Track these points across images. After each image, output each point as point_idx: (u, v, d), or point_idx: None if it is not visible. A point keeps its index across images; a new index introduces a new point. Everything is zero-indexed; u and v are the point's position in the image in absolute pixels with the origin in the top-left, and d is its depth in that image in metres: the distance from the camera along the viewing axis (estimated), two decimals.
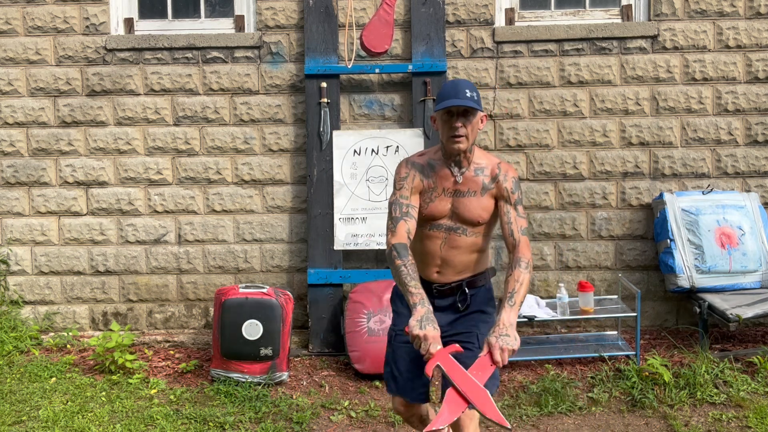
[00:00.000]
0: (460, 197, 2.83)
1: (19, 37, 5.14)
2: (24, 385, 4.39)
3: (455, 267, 2.87)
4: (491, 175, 2.84)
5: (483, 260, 2.92)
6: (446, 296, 2.88)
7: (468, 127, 2.74)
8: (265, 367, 4.39)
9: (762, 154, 5.00)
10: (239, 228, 5.14)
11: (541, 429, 3.84)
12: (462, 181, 2.83)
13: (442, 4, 4.94)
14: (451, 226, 2.84)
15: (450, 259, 2.86)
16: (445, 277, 2.88)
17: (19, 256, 5.21)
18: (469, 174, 2.83)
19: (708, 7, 4.93)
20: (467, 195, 2.83)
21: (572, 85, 5.00)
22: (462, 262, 2.86)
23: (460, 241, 2.84)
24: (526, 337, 4.90)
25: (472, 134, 2.76)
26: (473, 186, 2.83)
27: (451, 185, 2.84)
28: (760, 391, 4.09)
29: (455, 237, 2.84)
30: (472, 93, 2.74)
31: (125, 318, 5.21)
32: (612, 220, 5.04)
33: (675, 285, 4.69)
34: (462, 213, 2.82)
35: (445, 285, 2.89)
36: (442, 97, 2.74)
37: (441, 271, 2.89)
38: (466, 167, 2.84)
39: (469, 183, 2.83)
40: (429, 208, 2.84)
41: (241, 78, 5.08)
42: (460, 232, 2.84)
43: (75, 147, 5.16)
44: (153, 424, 3.91)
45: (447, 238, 2.85)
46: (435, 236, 2.86)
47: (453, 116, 2.73)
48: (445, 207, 2.84)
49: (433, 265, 2.89)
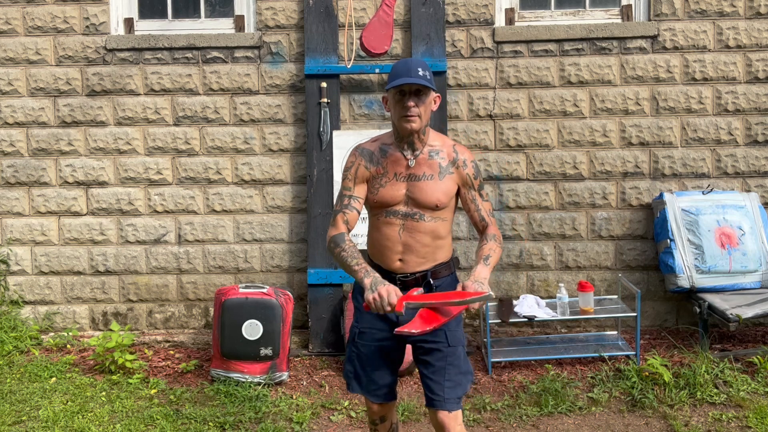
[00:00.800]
0: (416, 181, 2.74)
1: (19, 37, 5.14)
2: (24, 385, 4.39)
3: (417, 253, 2.76)
4: (448, 158, 2.76)
5: (445, 248, 2.83)
6: (410, 287, 2.72)
7: (421, 107, 2.67)
8: (265, 367, 4.39)
9: (762, 154, 5.00)
10: (239, 228, 5.14)
11: (541, 429, 3.84)
12: (415, 164, 2.74)
13: (442, 4, 4.94)
14: (407, 212, 2.75)
15: (410, 245, 2.76)
16: (408, 266, 2.77)
17: (19, 256, 5.22)
18: (423, 157, 2.75)
19: (708, 7, 4.93)
20: (423, 179, 2.73)
21: (572, 85, 5.00)
22: (425, 247, 2.76)
23: (419, 227, 2.75)
24: (526, 337, 4.90)
25: (425, 114, 2.69)
26: (429, 169, 2.74)
27: (404, 169, 2.75)
28: (760, 391, 4.09)
29: (413, 223, 2.75)
30: (425, 72, 2.66)
31: (125, 318, 5.21)
32: (612, 220, 5.04)
33: (675, 285, 4.69)
34: (418, 197, 2.73)
35: (408, 275, 2.78)
36: (393, 76, 2.66)
37: (403, 258, 2.77)
38: (420, 149, 2.75)
39: (423, 166, 2.74)
40: (379, 194, 2.76)
41: (241, 78, 5.08)
42: (417, 217, 2.74)
43: (75, 147, 5.16)
44: (153, 424, 3.91)
45: (404, 225, 2.76)
46: (392, 223, 2.77)
47: (405, 95, 2.66)
48: (399, 192, 2.75)
49: (394, 252, 2.78)
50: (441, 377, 2.73)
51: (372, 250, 2.86)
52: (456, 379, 2.74)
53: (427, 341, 2.74)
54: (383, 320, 2.80)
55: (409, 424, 3.90)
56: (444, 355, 2.71)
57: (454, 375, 2.74)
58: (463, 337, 2.83)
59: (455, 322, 2.79)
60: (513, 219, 5.05)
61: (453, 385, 2.73)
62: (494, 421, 3.91)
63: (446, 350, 2.73)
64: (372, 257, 2.87)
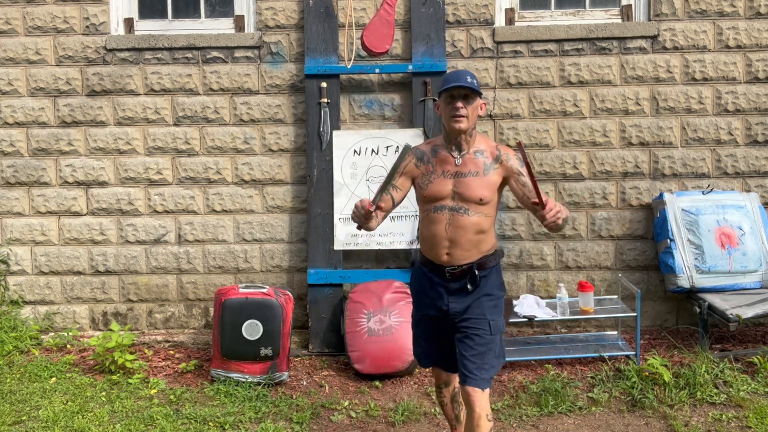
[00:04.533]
0: (462, 178, 2.99)
1: (19, 37, 5.14)
2: (24, 385, 4.39)
3: (462, 246, 2.99)
4: (491, 156, 3.01)
5: (489, 241, 3.05)
6: (458, 279, 3.02)
7: (468, 109, 2.93)
8: (265, 367, 4.39)
9: (762, 154, 5.00)
10: (239, 228, 5.14)
11: (541, 429, 3.84)
12: (462, 162, 3.00)
13: (442, 4, 4.94)
14: (453, 206, 2.99)
15: (456, 239, 2.99)
16: (455, 258, 3.00)
17: (19, 256, 5.21)
18: (470, 156, 3.00)
19: (708, 7, 4.93)
20: (468, 175, 2.99)
21: (572, 85, 5.00)
22: (469, 241, 2.99)
23: (464, 221, 2.98)
24: (526, 337, 4.90)
25: (472, 116, 2.95)
26: (474, 167, 2.99)
27: (451, 167, 3.01)
28: (760, 391, 4.09)
29: (458, 217, 2.98)
30: (473, 80, 2.95)
31: (125, 318, 5.21)
32: (612, 220, 5.04)
33: (675, 285, 4.69)
34: (463, 192, 2.98)
35: (455, 267, 3.03)
36: (445, 82, 2.95)
37: (450, 252, 3.01)
38: (467, 150, 3.01)
39: (469, 164, 3.00)
40: (428, 189, 3.02)
41: (241, 78, 5.08)
42: (462, 212, 2.98)
43: (75, 147, 5.16)
44: (153, 424, 3.91)
45: (451, 219, 2.99)
46: (440, 218, 3.01)
47: (455, 99, 2.93)
48: (446, 188, 3.00)
49: (441, 246, 3.02)
50: (480, 360, 2.99)
51: (423, 245, 3.11)
52: (491, 362, 3.01)
53: (472, 327, 3.01)
54: (437, 309, 3.08)
55: (409, 425, 3.90)
56: (486, 341, 2.99)
57: (491, 359, 3.01)
58: (503, 326, 3.09)
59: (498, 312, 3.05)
60: (513, 219, 5.05)
61: (489, 367, 3.00)
62: (494, 421, 3.91)
63: (488, 338, 3.00)
64: (423, 252, 3.12)
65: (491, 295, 3.06)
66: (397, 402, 4.14)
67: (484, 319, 3.02)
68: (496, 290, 3.09)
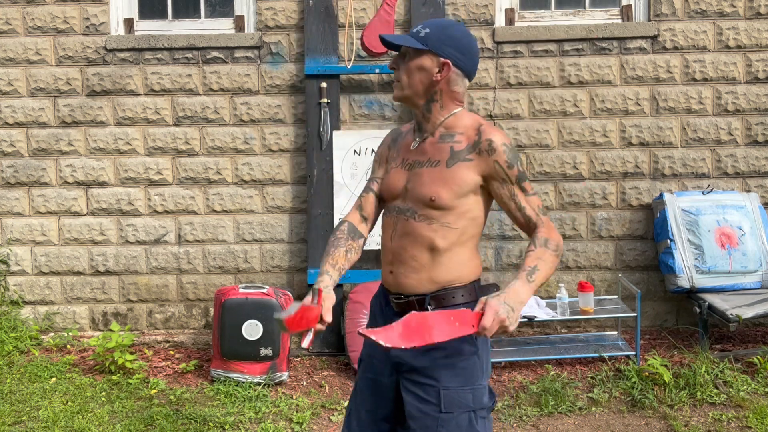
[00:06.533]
0: (417, 168, 2.13)
1: (19, 37, 5.14)
2: (24, 385, 4.39)
3: (406, 265, 2.11)
4: (467, 140, 2.09)
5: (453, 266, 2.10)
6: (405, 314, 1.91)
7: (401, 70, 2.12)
8: (265, 367, 4.39)
9: (762, 154, 5.00)
10: (239, 228, 5.14)
11: (541, 429, 3.84)
12: (420, 148, 2.15)
13: (442, 4, 4.94)
14: (401, 207, 2.15)
15: (398, 253, 2.13)
16: (399, 281, 2.13)
17: (19, 256, 5.21)
18: (433, 140, 2.14)
19: (708, 7, 4.93)
20: (425, 165, 2.10)
21: (572, 86, 5.00)
22: (414, 259, 2.09)
23: (409, 228, 2.10)
24: (526, 337, 4.90)
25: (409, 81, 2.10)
26: (435, 154, 2.11)
27: (411, 155, 2.17)
28: (760, 392, 4.09)
29: (404, 223, 2.12)
30: (424, 29, 2.09)
31: (125, 318, 5.21)
32: (612, 220, 5.04)
33: (675, 285, 4.69)
34: (413, 187, 2.12)
35: (401, 296, 2.13)
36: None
37: (393, 271, 2.16)
38: (429, 131, 2.15)
39: (429, 151, 2.13)
40: (383, 184, 2.25)
41: (241, 78, 5.08)
42: (408, 215, 2.11)
43: (75, 147, 5.16)
44: (153, 425, 3.91)
45: (396, 225, 2.15)
46: (387, 224, 2.21)
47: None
48: (399, 183, 2.18)
49: (385, 262, 2.21)
50: None
51: None
52: None
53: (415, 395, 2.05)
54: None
55: None
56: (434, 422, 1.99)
57: None
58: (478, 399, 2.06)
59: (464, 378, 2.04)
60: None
61: None
62: (494, 421, 3.91)
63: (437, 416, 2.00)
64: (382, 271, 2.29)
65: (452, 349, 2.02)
66: None
67: (432, 386, 2.02)
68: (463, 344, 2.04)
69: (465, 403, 2.02)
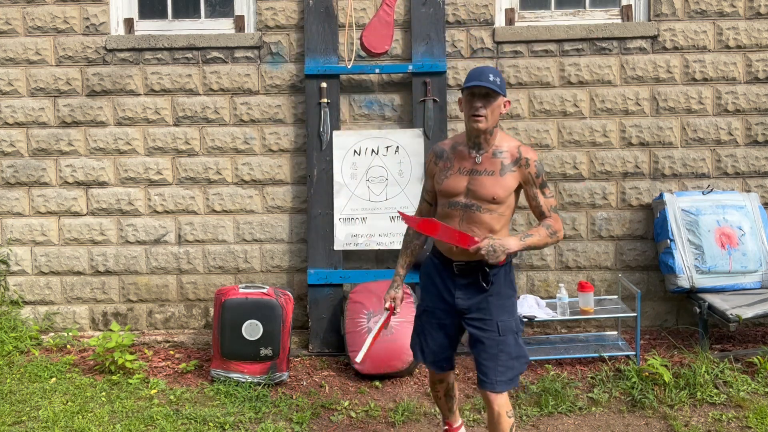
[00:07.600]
0: (477, 176, 3.01)
1: (19, 37, 5.14)
2: (24, 385, 4.39)
3: None
4: (511, 157, 3.00)
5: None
6: (466, 275, 3.04)
7: (488, 109, 2.92)
8: (265, 367, 4.39)
9: (762, 154, 5.00)
10: (239, 228, 5.14)
11: (541, 429, 3.84)
12: (480, 161, 3.02)
13: (442, 4, 4.94)
14: (466, 203, 3.01)
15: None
16: (465, 254, 2.99)
17: (19, 256, 5.22)
18: (488, 155, 3.01)
19: (708, 7, 4.93)
20: (484, 174, 3.00)
21: (572, 86, 5.00)
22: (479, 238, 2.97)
23: (476, 218, 3.00)
24: (526, 337, 4.90)
25: (491, 116, 2.94)
26: (491, 166, 3.00)
27: (468, 165, 3.03)
28: (760, 391, 4.09)
29: (471, 214, 3.00)
30: (496, 78, 2.93)
31: (125, 318, 5.21)
32: (612, 220, 5.04)
33: (675, 285, 4.69)
34: (476, 189, 2.99)
35: (464, 263, 3.04)
36: (467, 79, 2.95)
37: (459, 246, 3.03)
38: (486, 149, 3.02)
39: (486, 163, 3.01)
40: (443, 185, 3.06)
41: (241, 78, 5.08)
42: (474, 209, 2.99)
43: (75, 147, 5.16)
44: (153, 425, 3.91)
45: (464, 216, 3.01)
46: (453, 214, 3.03)
47: (474, 98, 2.93)
48: (461, 184, 3.02)
49: None
50: (493, 363, 3.00)
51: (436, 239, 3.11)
52: (507, 364, 3.00)
53: (480, 328, 3.03)
54: (443, 301, 3.11)
55: (409, 424, 3.90)
56: (496, 343, 3.00)
57: (505, 360, 3.00)
58: (517, 325, 3.08)
59: (508, 312, 3.04)
60: (513, 219, 5.04)
61: (504, 369, 3.00)
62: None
63: (498, 339, 3.00)
64: (436, 245, 3.15)
65: (499, 295, 3.06)
66: (397, 402, 4.14)
67: (491, 320, 3.02)
68: (505, 289, 3.08)
69: (511, 328, 3.04)
